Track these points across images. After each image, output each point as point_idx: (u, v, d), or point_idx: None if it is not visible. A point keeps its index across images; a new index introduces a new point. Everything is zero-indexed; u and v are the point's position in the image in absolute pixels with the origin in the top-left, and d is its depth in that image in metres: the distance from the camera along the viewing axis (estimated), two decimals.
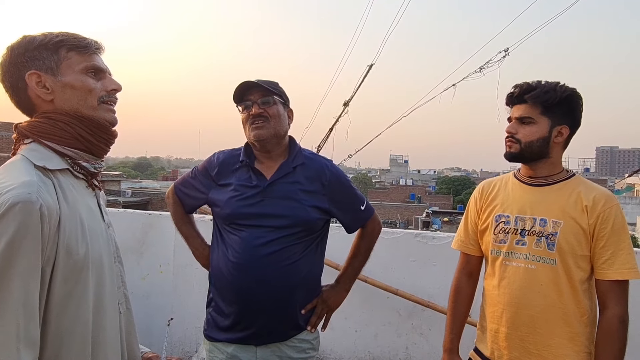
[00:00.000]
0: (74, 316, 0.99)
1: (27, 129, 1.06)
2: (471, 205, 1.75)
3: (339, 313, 3.34)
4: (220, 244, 1.72)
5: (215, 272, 1.73)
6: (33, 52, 1.05)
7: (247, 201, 1.67)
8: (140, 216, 3.71)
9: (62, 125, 1.06)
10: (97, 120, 1.10)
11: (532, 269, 1.55)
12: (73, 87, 1.07)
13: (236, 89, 1.70)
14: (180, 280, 3.64)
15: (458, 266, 1.79)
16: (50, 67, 1.06)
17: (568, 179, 1.60)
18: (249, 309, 1.64)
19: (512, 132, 1.59)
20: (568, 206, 1.55)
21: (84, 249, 1.00)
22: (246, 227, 1.66)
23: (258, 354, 1.68)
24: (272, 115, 1.68)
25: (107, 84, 1.13)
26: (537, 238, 1.55)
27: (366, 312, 3.29)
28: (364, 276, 3.23)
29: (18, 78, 1.06)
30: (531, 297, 1.54)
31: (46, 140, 1.05)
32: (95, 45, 1.12)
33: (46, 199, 0.94)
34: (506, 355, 1.59)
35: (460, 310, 1.74)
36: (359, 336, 3.38)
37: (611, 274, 1.50)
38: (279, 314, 1.66)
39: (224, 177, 1.75)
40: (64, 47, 1.07)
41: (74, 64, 1.08)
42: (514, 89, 1.61)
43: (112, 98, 1.14)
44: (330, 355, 3.44)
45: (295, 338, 1.73)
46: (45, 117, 1.06)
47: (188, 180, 1.85)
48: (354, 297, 3.38)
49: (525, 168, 1.65)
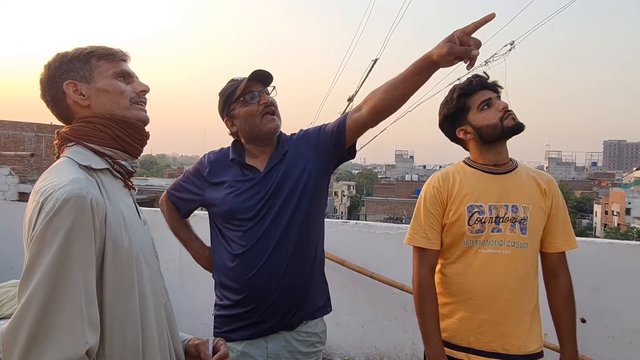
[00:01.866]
0: (125, 305, 1.06)
1: (70, 133, 1.16)
2: (431, 200, 1.70)
3: (345, 309, 3.36)
4: (222, 241, 1.71)
5: (220, 269, 1.73)
6: (68, 65, 1.16)
7: (244, 195, 1.66)
8: (147, 213, 3.70)
9: (100, 127, 1.15)
10: (130, 120, 1.19)
11: (507, 255, 1.62)
12: (106, 91, 1.17)
13: (236, 85, 1.67)
14: (187, 276, 3.65)
15: (418, 263, 1.71)
16: (84, 76, 1.16)
17: (518, 166, 1.72)
18: (257, 301, 1.63)
19: (509, 108, 1.66)
20: (531, 191, 1.67)
21: (127, 242, 1.08)
22: (247, 221, 1.65)
23: (269, 350, 1.67)
24: (276, 105, 1.70)
25: (136, 86, 1.22)
26: (511, 224, 1.62)
27: (372, 308, 3.29)
28: (370, 272, 3.22)
29: (57, 90, 1.16)
30: (508, 281, 1.61)
31: (87, 142, 1.14)
32: (121, 53, 1.22)
33: (94, 193, 1.03)
34: (480, 340, 1.62)
35: (434, 308, 1.67)
36: (366, 332, 3.38)
37: (561, 246, 1.69)
38: (289, 302, 1.65)
39: (216, 176, 1.73)
40: (94, 57, 1.18)
41: (104, 70, 1.18)
42: (482, 77, 1.71)
43: (142, 99, 1.23)
44: (337, 351, 3.44)
45: (304, 332, 1.71)
46: (84, 121, 1.16)
47: (181, 185, 1.83)
48: (360, 293, 3.39)
49: (491, 155, 1.69)
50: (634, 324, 2.85)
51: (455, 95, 1.70)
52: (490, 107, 1.65)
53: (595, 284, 2.90)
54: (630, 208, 48.75)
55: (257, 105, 1.66)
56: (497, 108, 1.64)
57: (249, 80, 1.66)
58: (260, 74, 1.67)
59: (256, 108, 1.66)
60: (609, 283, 2.89)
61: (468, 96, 1.68)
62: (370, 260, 3.24)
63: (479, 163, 1.71)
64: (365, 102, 1.63)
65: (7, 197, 4.74)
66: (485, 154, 1.69)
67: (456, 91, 1.70)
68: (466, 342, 1.64)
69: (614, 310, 2.88)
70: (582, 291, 2.89)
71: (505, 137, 1.66)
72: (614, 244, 2.98)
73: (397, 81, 1.53)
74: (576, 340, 1.69)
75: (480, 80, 1.69)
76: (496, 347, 1.61)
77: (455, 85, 1.74)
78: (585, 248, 2.95)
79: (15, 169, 4.90)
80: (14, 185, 4.73)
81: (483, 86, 1.69)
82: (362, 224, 3.48)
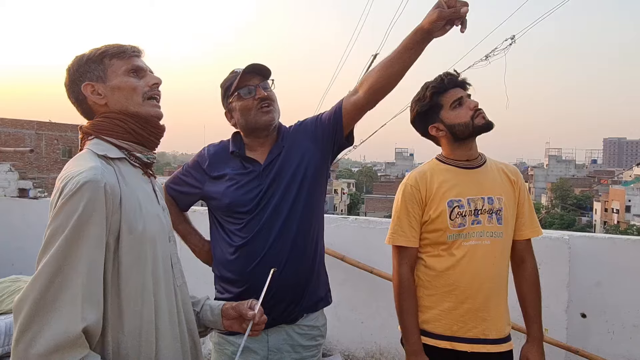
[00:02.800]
0: (140, 284, 1.13)
1: (90, 128, 1.24)
2: (409, 199, 1.74)
3: (345, 304, 3.35)
4: (222, 234, 1.70)
5: (220, 262, 1.72)
6: (84, 67, 1.23)
7: (245, 188, 1.65)
8: None
9: (117, 122, 1.22)
10: (144, 116, 1.25)
11: (487, 245, 1.69)
12: (119, 88, 1.22)
13: (233, 78, 1.66)
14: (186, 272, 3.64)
15: (398, 262, 1.75)
16: (100, 76, 1.22)
17: (486, 160, 1.80)
18: (258, 293, 1.63)
19: (479, 106, 1.72)
20: (502, 182, 1.76)
21: (141, 226, 1.15)
22: (247, 214, 1.64)
23: (270, 343, 1.67)
24: (274, 99, 1.69)
25: (148, 79, 1.27)
26: (489, 215, 1.70)
27: (372, 304, 3.29)
28: (370, 267, 3.22)
29: (78, 92, 1.24)
30: (489, 270, 1.69)
31: (105, 135, 1.22)
32: (132, 49, 1.27)
33: (109, 179, 1.10)
34: (463, 328, 1.68)
35: (414, 306, 1.73)
36: (365, 327, 3.38)
37: (528, 233, 1.79)
38: (290, 294, 1.65)
39: (217, 169, 1.72)
40: (107, 56, 1.23)
41: (117, 68, 1.23)
42: (454, 75, 1.75)
43: (156, 91, 1.28)
44: (337, 346, 3.44)
45: (305, 325, 1.71)
46: (103, 117, 1.23)
47: (179, 177, 1.82)
48: (360, 289, 3.39)
49: (462, 151, 1.75)
50: (634, 319, 2.85)
51: (427, 93, 1.74)
52: (461, 106, 1.71)
53: (595, 279, 2.90)
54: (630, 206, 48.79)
55: (252, 99, 1.65)
56: (469, 107, 1.71)
57: (245, 74, 1.65)
58: (256, 67, 1.66)
59: (251, 103, 1.65)
60: (610, 278, 2.89)
61: (440, 94, 1.73)
62: (370, 256, 3.24)
63: (451, 159, 1.77)
64: (361, 84, 1.65)
65: (7, 193, 4.72)
66: (457, 150, 1.76)
67: (428, 89, 1.74)
68: (450, 332, 1.70)
69: (615, 305, 2.88)
70: (582, 286, 2.91)
71: (476, 134, 1.73)
72: (614, 239, 2.98)
73: (392, 58, 1.56)
74: (541, 322, 1.79)
75: (452, 79, 1.74)
76: (477, 333, 1.68)
77: (426, 82, 1.78)
78: (585, 243, 2.95)
79: (15, 165, 4.89)
80: (14, 182, 4.72)
81: (454, 84, 1.74)
82: (362, 220, 3.48)
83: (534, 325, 1.78)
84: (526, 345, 1.78)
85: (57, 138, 28.30)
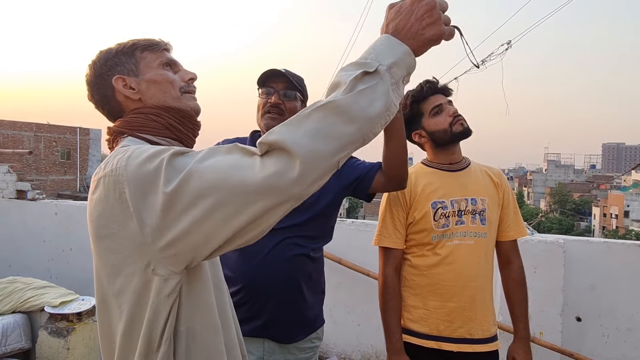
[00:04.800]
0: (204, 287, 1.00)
1: (122, 126, 1.11)
2: (394, 202, 1.80)
3: (341, 307, 3.36)
4: None
5: (221, 259, 1.73)
6: (113, 60, 1.13)
7: None
8: None
9: (153, 117, 1.11)
10: (183, 110, 1.15)
11: (470, 244, 1.73)
12: (156, 81, 1.13)
13: (264, 72, 1.69)
14: None
15: (383, 263, 1.81)
16: (131, 69, 1.13)
17: (470, 163, 1.84)
18: (256, 294, 1.63)
19: (459, 113, 1.76)
20: (486, 184, 1.80)
21: None
22: None
23: (265, 345, 1.68)
24: (289, 109, 1.68)
25: (183, 74, 1.19)
26: (472, 216, 1.74)
27: (369, 306, 3.29)
28: (367, 270, 3.23)
29: (106, 87, 1.13)
30: (473, 270, 1.72)
31: (140, 132, 1.10)
32: (163, 43, 1.19)
33: None
34: (449, 328, 1.71)
35: (397, 306, 1.77)
36: (362, 330, 3.38)
37: (513, 234, 1.83)
38: (287, 300, 1.65)
39: None
40: (138, 49, 1.15)
41: (150, 61, 1.15)
42: (433, 83, 1.79)
43: (192, 87, 1.20)
44: (334, 349, 3.45)
45: None
46: (136, 112, 1.12)
47: None
48: (356, 291, 3.40)
49: (445, 155, 1.80)
50: (629, 322, 2.86)
51: (408, 102, 1.80)
52: (441, 113, 1.76)
53: (590, 283, 2.92)
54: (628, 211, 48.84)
55: (266, 100, 1.68)
56: (448, 113, 1.75)
57: (272, 76, 1.68)
58: (275, 72, 1.68)
59: (264, 103, 1.68)
60: (605, 282, 2.90)
61: (420, 102, 1.78)
62: (366, 259, 3.25)
63: (435, 163, 1.82)
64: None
65: (5, 195, 4.73)
66: (439, 154, 1.81)
67: (409, 98, 1.80)
68: (437, 331, 1.72)
69: (610, 308, 2.89)
70: (577, 289, 2.92)
71: (455, 140, 1.77)
72: (609, 243, 3.00)
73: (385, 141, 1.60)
74: (528, 321, 1.82)
75: (431, 86, 1.78)
76: (463, 333, 1.71)
77: (408, 91, 1.82)
78: (581, 247, 2.96)
79: (13, 167, 4.89)
80: (12, 183, 4.72)
81: (434, 91, 1.78)
82: (359, 223, 3.49)
83: (520, 324, 1.81)
84: (513, 344, 1.81)
85: (55, 140, 28.24)
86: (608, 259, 2.91)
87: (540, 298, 2.79)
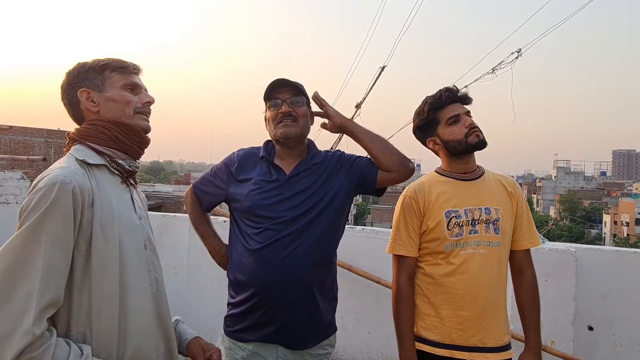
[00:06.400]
0: (108, 288, 1.16)
1: (75, 135, 1.29)
2: (408, 210, 1.80)
3: (351, 314, 3.36)
4: (240, 237, 1.74)
5: (235, 265, 1.75)
6: (84, 74, 1.30)
7: (267, 194, 1.71)
8: (155, 217, 3.76)
9: (101, 129, 1.28)
10: (132, 127, 1.31)
11: (484, 254, 1.73)
12: (114, 100, 1.30)
13: (268, 86, 1.74)
14: (194, 280, 3.68)
15: (397, 271, 1.82)
16: (97, 85, 1.30)
17: (484, 172, 1.84)
18: (270, 300, 1.65)
19: (476, 124, 1.76)
20: (499, 194, 1.80)
21: (114, 231, 1.18)
22: (267, 220, 1.68)
23: (279, 351, 1.69)
24: (300, 115, 1.74)
25: (142, 97, 1.35)
26: (486, 225, 1.74)
27: (379, 314, 3.29)
28: (377, 277, 3.23)
29: (73, 95, 1.30)
30: (486, 279, 1.72)
31: (89, 141, 1.27)
32: (133, 67, 1.35)
33: (79, 181, 1.14)
34: (462, 336, 1.71)
35: (410, 313, 1.78)
36: (372, 337, 3.38)
37: (526, 244, 1.82)
38: (300, 306, 1.67)
39: (243, 172, 1.78)
40: (108, 68, 1.31)
41: (115, 81, 1.31)
42: (452, 91, 1.80)
43: (147, 109, 1.36)
44: (344, 356, 3.45)
45: None
46: (89, 124, 1.30)
47: (207, 178, 1.89)
48: (367, 299, 3.40)
49: (459, 164, 1.80)
50: None
51: (425, 109, 1.80)
52: (457, 123, 1.76)
53: (603, 292, 2.90)
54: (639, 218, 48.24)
55: (276, 112, 1.73)
56: (464, 124, 1.75)
57: (277, 87, 1.73)
58: (282, 82, 1.73)
59: (275, 114, 1.73)
60: (617, 291, 2.88)
61: (437, 110, 1.79)
62: (377, 266, 3.25)
63: (449, 172, 1.83)
64: None
65: (19, 200, 4.80)
66: (453, 163, 1.81)
67: (426, 105, 1.80)
68: (449, 339, 1.72)
69: (622, 318, 2.87)
70: (589, 299, 2.90)
71: (469, 152, 1.78)
72: (621, 252, 2.98)
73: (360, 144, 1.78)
74: (540, 331, 1.82)
75: (449, 95, 1.78)
76: (476, 342, 1.71)
77: (427, 97, 1.83)
78: (592, 256, 2.95)
79: (27, 172, 4.97)
80: (26, 189, 4.80)
81: (452, 100, 1.78)
82: (369, 230, 3.50)
83: (532, 333, 1.81)
84: (524, 353, 1.80)
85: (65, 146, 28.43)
86: (620, 267, 2.90)
87: (552, 307, 2.78)
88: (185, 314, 3.43)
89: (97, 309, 1.14)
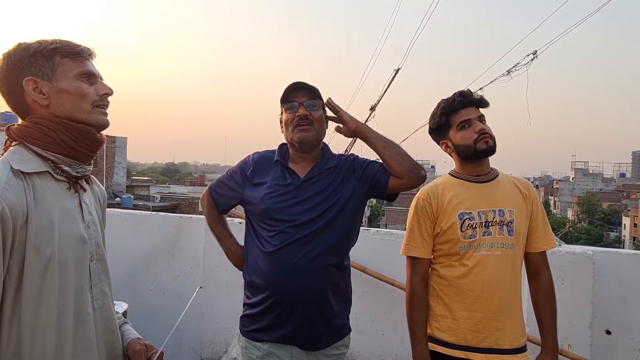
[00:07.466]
0: (42, 314, 1.04)
1: (15, 132, 1.11)
2: (421, 212, 1.81)
3: (366, 316, 3.37)
4: (255, 239, 1.77)
5: (251, 267, 1.78)
6: (29, 60, 1.09)
7: (281, 197, 1.73)
8: (172, 219, 3.81)
9: (46, 130, 1.09)
10: (90, 123, 1.14)
11: (497, 255, 1.73)
12: (68, 92, 1.11)
13: (286, 88, 1.76)
14: (210, 281, 3.72)
15: (411, 272, 1.83)
16: (46, 74, 1.10)
17: (498, 174, 1.85)
18: (284, 301, 1.68)
19: (487, 129, 1.76)
20: (514, 195, 1.81)
21: (50, 249, 1.05)
22: (281, 222, 1.71)
23: (293, 352, 1.72)
24: (317, 119, 1.76)
25: (99, 88, 1.17)
26: (500, 227, 1.75)
27: (393, 316, 3.29)
28: (392, 279, 3.24)
29: (15, 84, 1.10)
30: (500, 280, 1.73)
31: (30, 144, 1.09)
32: (87, 52, 1.16)
33: (10, 200, 0.99)
34: (476, 338, 1.72)
35: (424, 315, 1.79)
36: (386, 339, 3.38)
37: (542, 246, 1.82)
38: (314, 308, 1.69)
39: (258, 176, 1.81)
40: (59, 54, 1.11)
41: (68, 70, 1.12)
42: (465, 95, 1.79)
43: (105, 102, 1.18)
44: (358, 357, 3.45)
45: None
46: (32, 121, 1.11)
47: (223, 181, 1.92)
48: (381, 301, 3.40)
49: (471, 167, 1.81)
50: None
51: (438, 112, 1.82)
52: (468, 128, 1.77)
53: (621, 295, 2.86)
54: None
55: (293, 115, 1.75)
56: (474, 129, 1.75)
57: (293, 90, 1.75)
58: (299, 85, 1.75)
59: (292, 118, 1.75)
60: (635, 294, 2.84)
61: (450, 114, 1.80)
62: (391, 268, 3.25)
63: (462, 174, 1.83)
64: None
65: None
66: (466, 167, 1.82)
67: (440, 108, 1.82)
68: (464, 341, 1.73)
69: None
70: (607, 302, 2.87)
71: (478, 157, 1.78)
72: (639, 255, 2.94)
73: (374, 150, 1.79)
74: (556, 333, 1.82)
75: (462, 100, 1.79)
76: (491, 343, 1.72)
77: (441, 100, 1.84)
78: (610, 259, 2.91)
79: None
80: None
81: (465, 104, 1.78)
82: (384, 232, 3.50)
83: (548, 336, 1.81)
84: (540, 356, 1.80)
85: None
86: (639, 271, 2.86)
87: (569, 310, 2.75)
88: (201, 314, 3.48)
89: (31, 335, 1.02)
